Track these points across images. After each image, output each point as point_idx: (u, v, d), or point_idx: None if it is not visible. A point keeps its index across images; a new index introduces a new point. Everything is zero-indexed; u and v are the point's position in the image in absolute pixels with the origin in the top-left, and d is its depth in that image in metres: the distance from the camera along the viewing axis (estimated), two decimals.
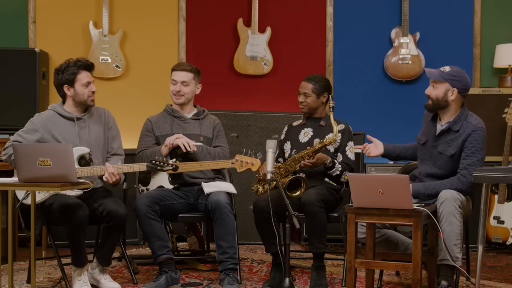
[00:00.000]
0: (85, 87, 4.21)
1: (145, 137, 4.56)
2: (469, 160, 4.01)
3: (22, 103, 5.56)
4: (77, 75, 4.19)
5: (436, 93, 4.09)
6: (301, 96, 4.52)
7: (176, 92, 4.52)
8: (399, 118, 6.21)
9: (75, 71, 4.19)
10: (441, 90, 4.08)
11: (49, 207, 4.08)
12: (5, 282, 3.96)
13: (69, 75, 4.18)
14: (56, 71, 4.25)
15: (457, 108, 4.12)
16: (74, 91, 4.21)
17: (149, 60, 6.26)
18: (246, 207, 5.60)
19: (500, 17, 6.27)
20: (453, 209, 3.85)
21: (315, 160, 4.31)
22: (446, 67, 4.11)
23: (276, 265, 4.33)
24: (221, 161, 4.37)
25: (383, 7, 6.30)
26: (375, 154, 4.36)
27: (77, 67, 4.20)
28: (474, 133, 4.03)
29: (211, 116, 4.68)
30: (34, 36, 6.12)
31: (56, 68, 4.27)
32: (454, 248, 3.86)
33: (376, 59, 6.29)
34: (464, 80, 4.09)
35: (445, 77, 4.07)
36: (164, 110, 4.61)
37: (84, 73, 4.21)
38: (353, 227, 3.73)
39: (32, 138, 4.17)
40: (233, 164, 4.27)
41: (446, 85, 4.07)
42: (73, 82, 4.19)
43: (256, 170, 4.28)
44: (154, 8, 6.29)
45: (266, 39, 6.22)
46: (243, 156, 4.26)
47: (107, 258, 4.23)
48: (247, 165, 4.24)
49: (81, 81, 4.20)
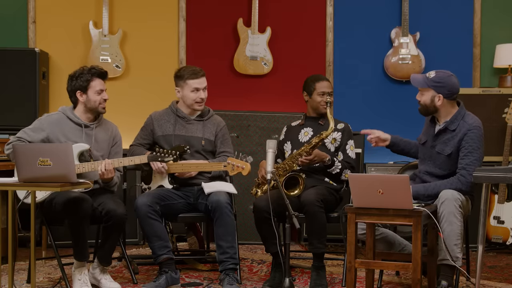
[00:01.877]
0: (97, 94, 4.26)
1: (143, 133, 4.59)
2: (467, 160, 4.01)
3: (22, 103, 5.56)
4: (90, 82, 4.25)
5: (423, 99, 4.13)
6: (326, 95, 4.51)
7: (201, 100, 4.50)
8: (399, 118, 6.21)
9: (89, 78, 4.25)
10: (427, 97, 4.10)
11: (50, 203, 4.10)
12: (5, 282, 3.96)
13: (83, 82, 4.24)
14: (70, 77, 4.30)
15: (451, 109, 4.12)
16: (86, 97, 4.26)
17: (149, 60, 6.26)
18: (246, 207, 5.60)
19: (500, 17, 6.27)
20: (453, 209, 3.85)
21: (312, 157, 4.32)
22: (432, 72, 4.12)
23: (276, 265, 4.33)
24: (214, 164, 4.37)
25: (383, 7, 6.30)
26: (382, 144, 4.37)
27: (91, 74, 4.26)
28: (470, 132, 4.03)
29: (216, 117, 4.65)
30: (34, 36, 6.12)
31: (70, 74, 4.32)
32: (454, 248, 3.86)
33: (376, 59, 6.29)
34: (449, 85, 4.07)
35: (429, 84, 4.08)
36: (169, 107, 4.60)
37: (98, 81, 4.28)
38: (353, 227, 3.73)
39: (37, 137, 4.19)
40: (226, 167, 4.27)
41: (431, 91, 4.08)
42: (87, 88, 4.25)
43: (246, 174, 4.26)
44: (154, 8, 6.29)
45: (266, 39, 6.22)
46: (235, 159, 4.26)
47: (107, 257, 4.23)
48: (238, 169, 4.24)
49: (94, 88, 4.25)
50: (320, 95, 4.51)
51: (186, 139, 4.47)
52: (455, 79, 4.11)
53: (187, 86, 4.47)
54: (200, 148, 4.49)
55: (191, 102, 4.49)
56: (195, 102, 4.49)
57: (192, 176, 4.42)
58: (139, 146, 4.54)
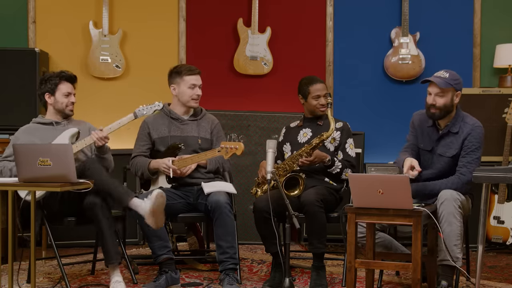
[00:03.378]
0: (65, 97, 4.41)
1: (140, 141, 4.56)
2: (468, 158, 4.02)
3: (22, 103, 5.56)
4: (59, 85, 4.40)
5: (444, 101, 4.06)
6: (322, 98, 4.50)
7: (197, 96, 4.52)
8: (399, 118, 6.20)
9: (57, 81, 4.41)
10: (448, 97, 4.07)
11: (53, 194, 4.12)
12: (5, 282, 3.96)
13: (52, 85, 4.40)
14: (40, 81, 4.48)
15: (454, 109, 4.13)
16: (54, 99, 4.41)
17: (149, 60, 6.26)
18: (246, 207, 5.59)
19: (500, 17, 6.27)
20: (453, 209, 3.85)
21: (312, 158, 4.32)
22: (443, 73, 4.09)
23: (276, 265, 4.33)
24: (209, 152, 4.34)
25: (383, 7, 6.30)
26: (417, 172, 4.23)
27: (60, 78, 4.42)
28: (473, 131, 4.05)
29: (209, 115, 4.68)
30: (34, 36, 6.12)
31: (41, 77, 4.50)
32: (454, 248, 3.86)
33: (376, 59, 6.28)
34: (461, 81, 4.12)
35: (451, 83, 4.07)
36: (161, 110, 4.59)
37: (66, 84, 4.42)
38: (353, 227, 3.73)
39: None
40: (220, 152, 4.22)
41: (452, 90, 4.07)
42: (54, 91, 4.40)
43: (241, 153, 4.19)
44: (154, 8, 6.29)
45: (266, 39, 6.22)
46: (227, 142, 4.22)
47: (108, 254, 4.12)
48: (231, 150, 4.17)
49: (61, 91, 4.40)
50: (315, 98, 4.50)
51: (182, 139, 4.47)
52: None
53: (184, 83, 4.49)
54: (197, 147, 4.49)
55: (188, 98, 4.50)
56: (191, 98, 4.50)
57: (192, 169, 4.40)
58: (141, 156, 4.52)
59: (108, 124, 4.33)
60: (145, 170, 4.42)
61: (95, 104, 6.12)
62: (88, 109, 5.98)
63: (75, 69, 6.09)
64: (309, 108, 4.54)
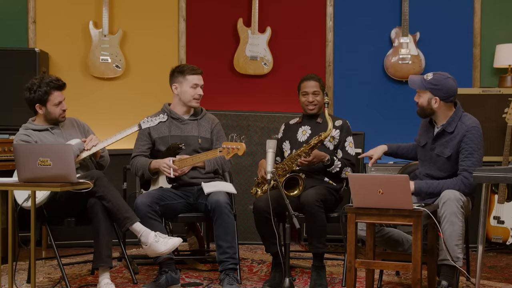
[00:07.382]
0: (56, 107, 4.30)
1: (140, 141, 4.56)
2: (468, 162, 4.00)
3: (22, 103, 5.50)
4: (49, 96, 4.27)
5: (421, 101, 4.11)
6: (310, 95, 4.50)
7: (199, 96, 4.52)
8: (399, 118, 6.20)
9: (48, 91, 4.26)
10: (424, 99, 4.09)
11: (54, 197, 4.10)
12: (5, 282, 3.96)
13: (42, 95, 4.26)
14: (27, 89, 4.29)
15: (447, 112, 4.11)
16: (46, 110, 4.30)
17: (149, 60, 6.26)
18: (246, 207, 5.60)
19: (500, 17, 6.27)
20: (455, 209, 3.85)
21: (311, 158, 4.31)
22: (429, 74, 4.10)
23: (276, 265, 4.33)
24: (210, 152, 4.34)
25: (383, 7, 6.30)
26: (378, 157, 4.36)
27: (50, 87, 4.26)
28: (468, 133, 4.02)
29: (209, 115, 4.68)
30: (34, 36, 6.12)
31: (28, 85, 4.30)
32: (455, 248, 3.86)
33: (376, 59, 6.29)
34: (446, 88, 4.05)
35: (426, 86, 4.06)
36: (162, 110, 4.60)
37: (56, 93, 4.29)
38: (353, 227, 3.73)
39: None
40: (221, 152, 4.22)
41: (428, 93, 4.07)
42: (45, 102, 4.28)
43: (242, 153, 4.20)
44: (154, 8, 6.29)
45: (266, 39, 6.22)
46: (229, 142, 4.22)
47: (99, 256, 4.07)
48: (233, 151, 4.17)
49: (53, 101, 4.29)
50: (303, 95, 4.51)
51: (183, 139, 4.47)
52: (453, 81, 4.08)
53: (187, 82, 4.49)
54: (198, 147, 4.49)
55: (190, 98, 4.50)
56: (193, 98, 4.50)
57: (190, 168, 4.40)
58: (141, 156, 4.52)
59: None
60: (145, 170, 4.42)
61: (95, 104, 6.12)
62: (88, 109, 5.98)
63: (75, 69, 6.13)
64: (301, 105, 4.56)
